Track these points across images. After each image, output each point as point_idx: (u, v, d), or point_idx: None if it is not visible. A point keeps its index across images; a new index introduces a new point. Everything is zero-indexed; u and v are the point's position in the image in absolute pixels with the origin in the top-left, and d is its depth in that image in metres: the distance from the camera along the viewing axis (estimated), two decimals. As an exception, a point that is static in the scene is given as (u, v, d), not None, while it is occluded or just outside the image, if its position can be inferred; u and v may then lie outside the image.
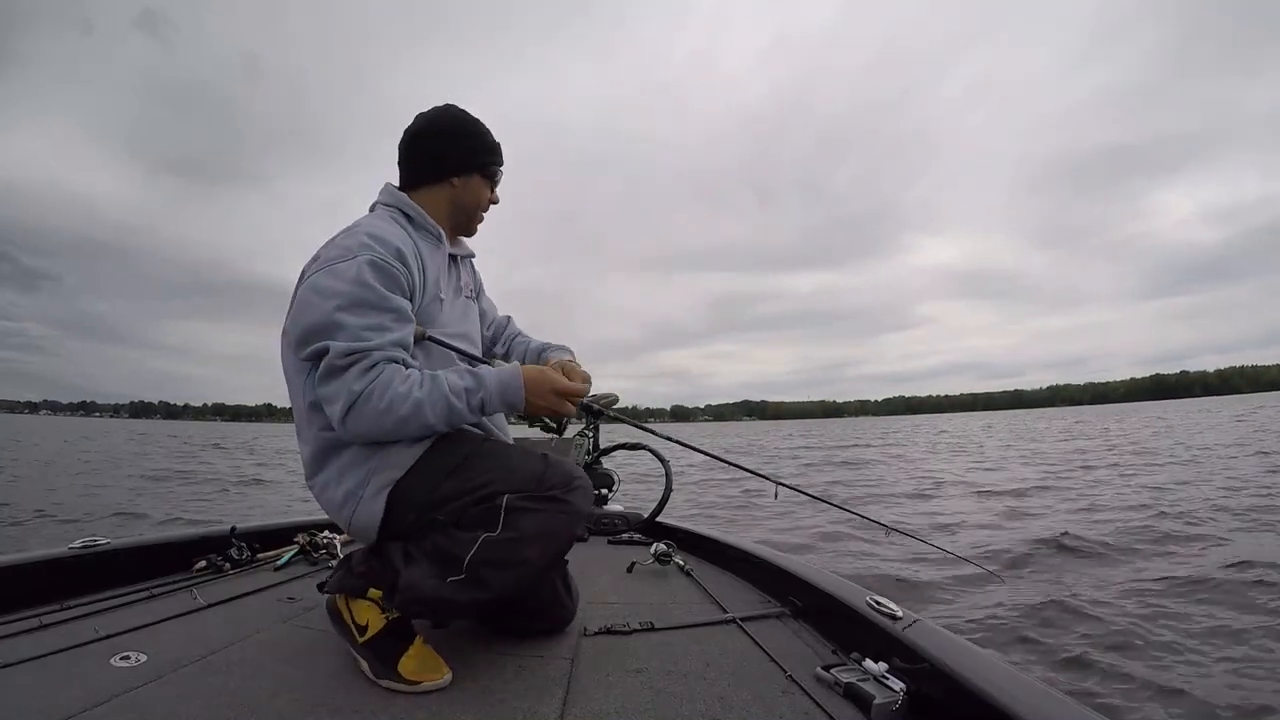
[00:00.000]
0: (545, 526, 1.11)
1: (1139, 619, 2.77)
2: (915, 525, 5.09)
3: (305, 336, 1.12)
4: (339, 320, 1.09)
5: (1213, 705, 2.00)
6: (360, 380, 1.07)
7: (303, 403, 1.19)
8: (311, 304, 1.11)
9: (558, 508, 1.12)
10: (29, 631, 1.27)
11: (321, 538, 2.06)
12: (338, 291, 1.10)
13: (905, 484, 8.74)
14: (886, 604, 1.22)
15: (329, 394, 1.10)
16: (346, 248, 1.15)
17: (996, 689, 0.88)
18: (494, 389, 1.17)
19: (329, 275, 1.12)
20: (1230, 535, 4.37)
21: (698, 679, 1.16)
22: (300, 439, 1.22)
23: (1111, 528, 4.71)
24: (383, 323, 1.12)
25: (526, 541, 1.09)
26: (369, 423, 1.09)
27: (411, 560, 1.11)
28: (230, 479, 10.29)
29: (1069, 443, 16.42)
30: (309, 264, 1.19)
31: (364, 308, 1.11)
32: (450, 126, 1.33)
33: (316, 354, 1.12)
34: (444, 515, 1.12)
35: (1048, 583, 3.47)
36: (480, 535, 1.08)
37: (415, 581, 1.09)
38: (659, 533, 2.42)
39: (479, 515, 1.10)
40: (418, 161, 1.33)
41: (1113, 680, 2.22)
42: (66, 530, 5.25)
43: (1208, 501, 5.71)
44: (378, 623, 1.13)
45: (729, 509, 6.47)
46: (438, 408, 1.11)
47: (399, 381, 1.09)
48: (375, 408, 1.07)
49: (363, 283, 1.11)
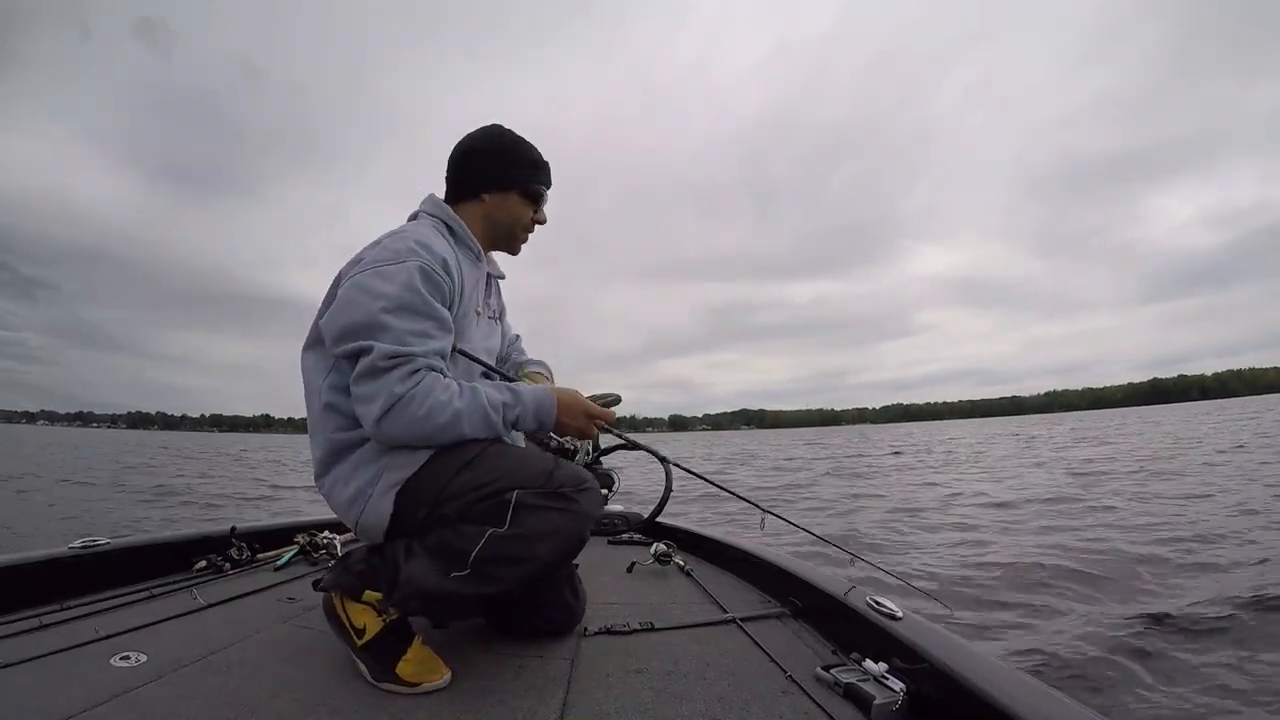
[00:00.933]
0: (554, 525, 1.10)
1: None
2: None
3: (345, 333, 1.12)
4: (384, 322, 1.09)
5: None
6: (402, 384, 1.08)
7: (318, 403, 1.19)
8: (356, 302, 1.11)
9: (567, 506, 1.11)
10: (29, 631, 1.27)
11: (321, 538, 2.06)
12: (386, 294, 1.10)
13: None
14: (886, 604, 1.22)
15: (367, 393, 1.10)
16: (396, 251, 1.15)
17: (996, 689, 0.88)
18: (530, 406, 1.20)
19: (377, 276, 1.12)
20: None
21: (698, 679, 1.16)
22: (313, 440, 1.22)
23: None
24: (427, 330, 1.13)
25: (535, 539, 1.08)
26: (405, 427, 1.09)
27: (413, 555, 1.10)
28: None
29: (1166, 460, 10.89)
30: (349, 265, 1.19)
31: (411, 313, 1.12)
32: (487, 144, 1.35)
33: (355, 352, 1.11)
34: (451, 511, 1.11)
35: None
36: (488, 530, 1.07)
37: (415, 576, 1.08)
38: (659, 533, 2.42)
39: (486, 510, 1.09)
40: (456, 178, 1.35)
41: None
42: (66, 530, 5.24)
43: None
44: (375, 625, 1.13)
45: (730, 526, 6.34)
46: (475, 419, 1.13)
47: (440, 390, 1.11)
48: (414, 413, 1.08)
49: (412, 288, 1.12)
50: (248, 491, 9.94)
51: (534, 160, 1.36)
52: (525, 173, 1.35)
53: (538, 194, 1.38)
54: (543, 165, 1.37)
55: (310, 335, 1.25)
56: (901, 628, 1.14)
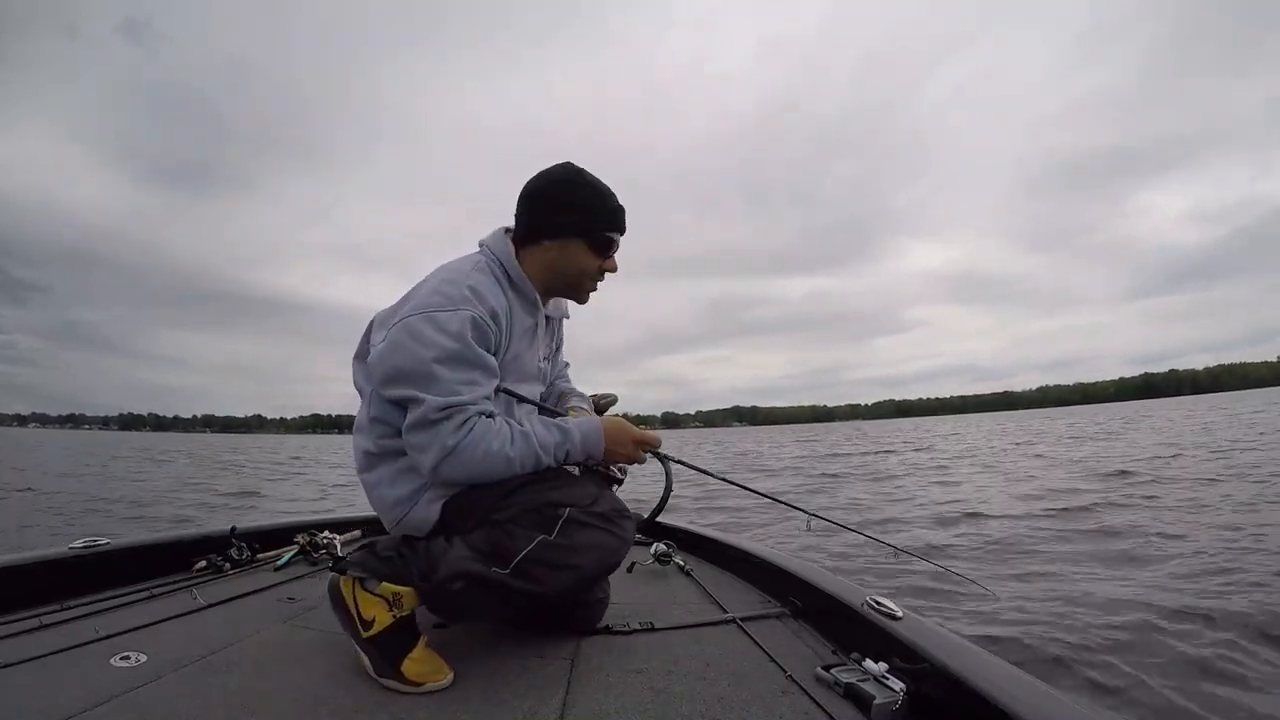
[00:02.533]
0: (597, 541, 1.17)
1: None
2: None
3: (394, 377, 1.16)
4: (435, 373, 1.12)
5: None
6: (454, 435, 1.12)
7: (366, 413, 1.26)
8: (406, 348, 1.14)
9: (609, 528, 1.19)
10: (29, 631, 1.27)
11: (322, 538, 2.06)
12: (437, 344, 1.13)
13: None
14: (886, 604, 1.22)
15: (420, 443, 1.15)
16: (449, 297, 1.17)
17: (996, 689, 0.88)
18: (579, 442, 1.25)
19: (428, 323, 1.14)
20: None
21: (698, 679, 1.16)
22: (358, 433, 1.29)
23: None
24: (475, 378, 1.16)
25: (579, 550, 1.15)
26: (460, 473, 1.16)
27: (454, 547, 1.14)
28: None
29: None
30: (402, 305, 1.21)
31: (460, 363, 1.15)
32: (553, 187, 1.29)
33: (404, 400, 1.16)
34: (501, 518, 1.17)
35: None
36: (538, 536, 1.13)
37: (460, 559, 1.11)
38: (659, 533, 2.42)
39: (536, 520, 1.15)
40: (523, 220, 1.32)
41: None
42: (66, 531, 5.18)
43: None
44: (385, 619, 1.11)
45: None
46: (527, 462, 1.19)
47: (492, 437, 1.15)
48: (466, 462, 1.13)
49: (463, 339, 1.15)
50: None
51: (604, 206, 1.30)
52: (591, 220, 1.29)
53: (607, 243, 1.32)
54: (614, 210, 1.31)
55: (358, 348, 1.31)
56: (901, 627, 1.14)
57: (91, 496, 9.07)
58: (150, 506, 8.14)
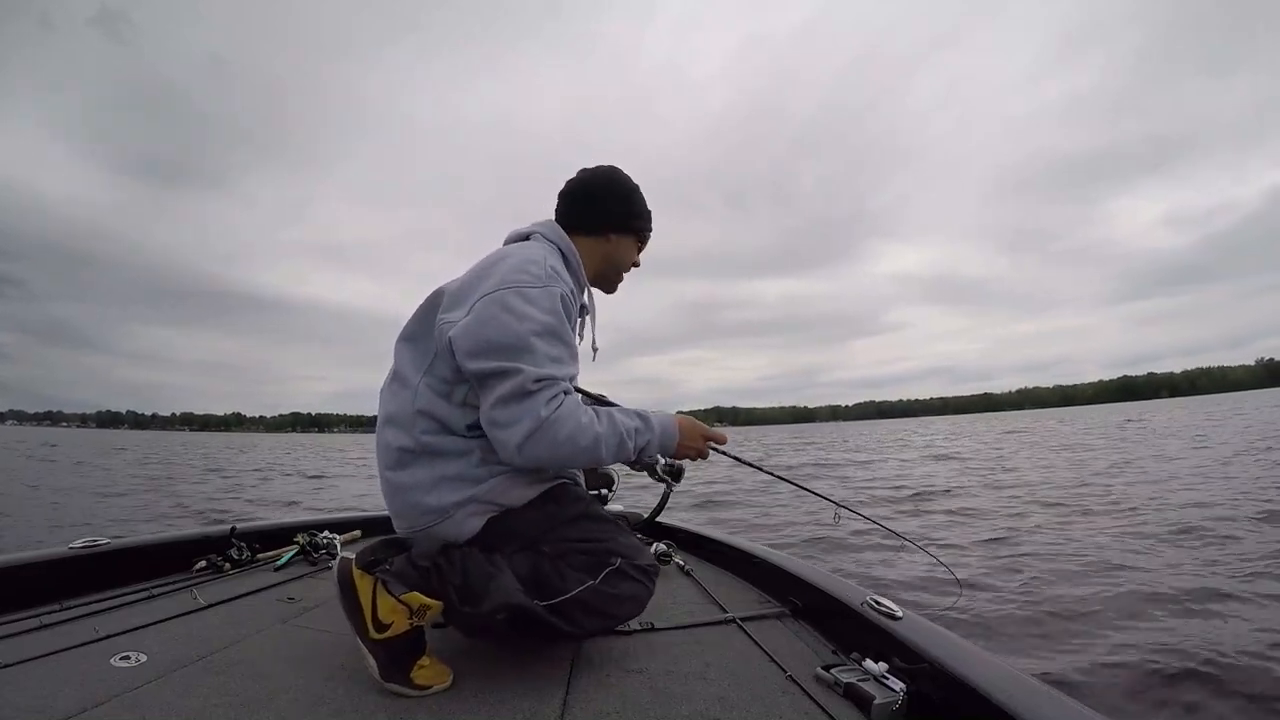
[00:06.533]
0: (635, 593, 1.19)
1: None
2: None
3: (489, 349, 1.11)
4: (533, 345, 1.11)
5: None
6: (547, 407, 1.10)
7: (411, 404, 1.19)
8: (500, 320, 1.11)
9: (646, 581, 1.21)
10: (29, 631, 1.27)
11: (322, 538, 2.06)
12: (534, 317, 1.12)
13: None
14: (886, 604, 1.22)
15: (512, 417, 1.10)
16: (535, 275, 1.17)
17: (996, 689, 0.88)
18: (658, 432, 1.25)
19: (521, 296, 1.13)
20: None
21: (697, 679, 1.16)
22: (393, 427, 1.22)
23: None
24: (563, 355, 1.16)
25: (619, 601, 1.17)
26: (547, 449, 1.11)
27: (501, 572, 1.12)
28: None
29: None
30: (478, 281, 1.18)
31: (554, 338, 1.14)
32: (617, 187, 1.41)
33: (498, 372, 1.10)
34: (549, 550, 1.17)
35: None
36: (586, 581, 1.14)
37: (508, 589, 1.09)
38: (659, 533, 2.41)
39: (588, 564, 1.16)
40: (582, 209, 1.38)
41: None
42: (65, 531, 5.12)
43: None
44: (403, 625, 1.08)
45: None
46: (612, 444, 1.16)
47: (581, 413, 1.13)
48: (556, 436, 1.10)
49: (557, 313, 1.15)
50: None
51: (648, 209, 1.45)
52: (644, 219, 1.44)
53: (646, 241, 1.48)
54: (650, 214, 1.46)
55: (408, 328, 1.27)
56: (901, 627, 1.14)
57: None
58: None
